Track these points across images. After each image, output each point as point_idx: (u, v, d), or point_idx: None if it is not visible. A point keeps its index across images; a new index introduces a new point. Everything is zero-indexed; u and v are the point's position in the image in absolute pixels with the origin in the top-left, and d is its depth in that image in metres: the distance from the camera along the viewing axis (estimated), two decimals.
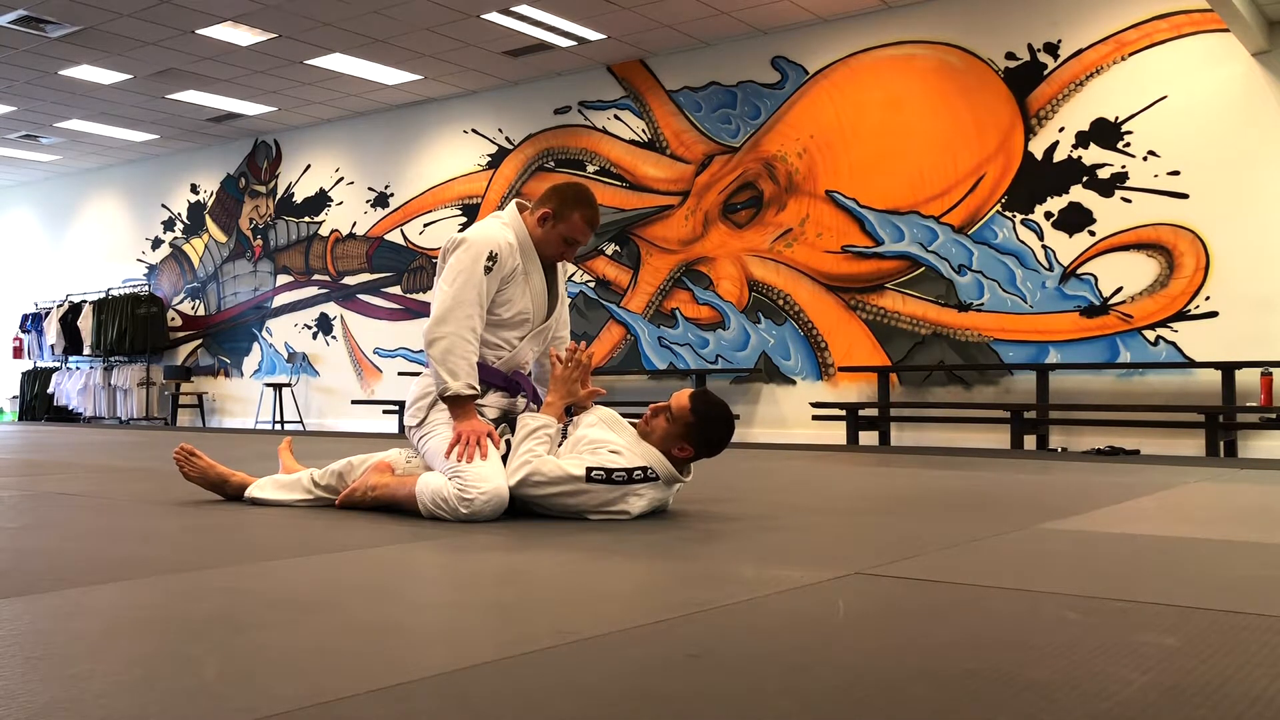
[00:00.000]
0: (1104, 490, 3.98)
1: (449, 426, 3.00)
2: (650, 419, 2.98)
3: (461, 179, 10.72)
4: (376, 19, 8.55)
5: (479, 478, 2.87)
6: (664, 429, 2.94)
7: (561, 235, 3.13)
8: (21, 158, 13.57)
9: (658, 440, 2.94)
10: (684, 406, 2.93)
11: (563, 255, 3.21)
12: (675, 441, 2.93)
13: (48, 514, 3.21)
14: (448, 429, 3.00)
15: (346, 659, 1.44)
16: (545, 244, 3.16)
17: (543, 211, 3.13)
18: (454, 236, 3.11)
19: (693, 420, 2.92)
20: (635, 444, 2.94)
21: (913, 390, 8.15)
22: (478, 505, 2.85)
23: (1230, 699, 1.26)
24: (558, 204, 3.12)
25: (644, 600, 1.95)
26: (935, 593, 1.97)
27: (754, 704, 1.24)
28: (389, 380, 11.11)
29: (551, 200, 3.14)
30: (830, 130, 8.53)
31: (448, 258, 3.08)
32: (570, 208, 3.11)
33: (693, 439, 2.94)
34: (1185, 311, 7.09)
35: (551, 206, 3.12)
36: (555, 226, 3.13)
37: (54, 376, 13.73)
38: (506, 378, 3.18)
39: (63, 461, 5.62)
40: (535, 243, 3.16)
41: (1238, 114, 6.98)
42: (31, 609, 1.79)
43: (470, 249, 3.04)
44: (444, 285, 3.03)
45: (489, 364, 3.13)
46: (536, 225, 3.15)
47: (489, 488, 2.86)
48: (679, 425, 2.93)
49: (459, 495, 2.87)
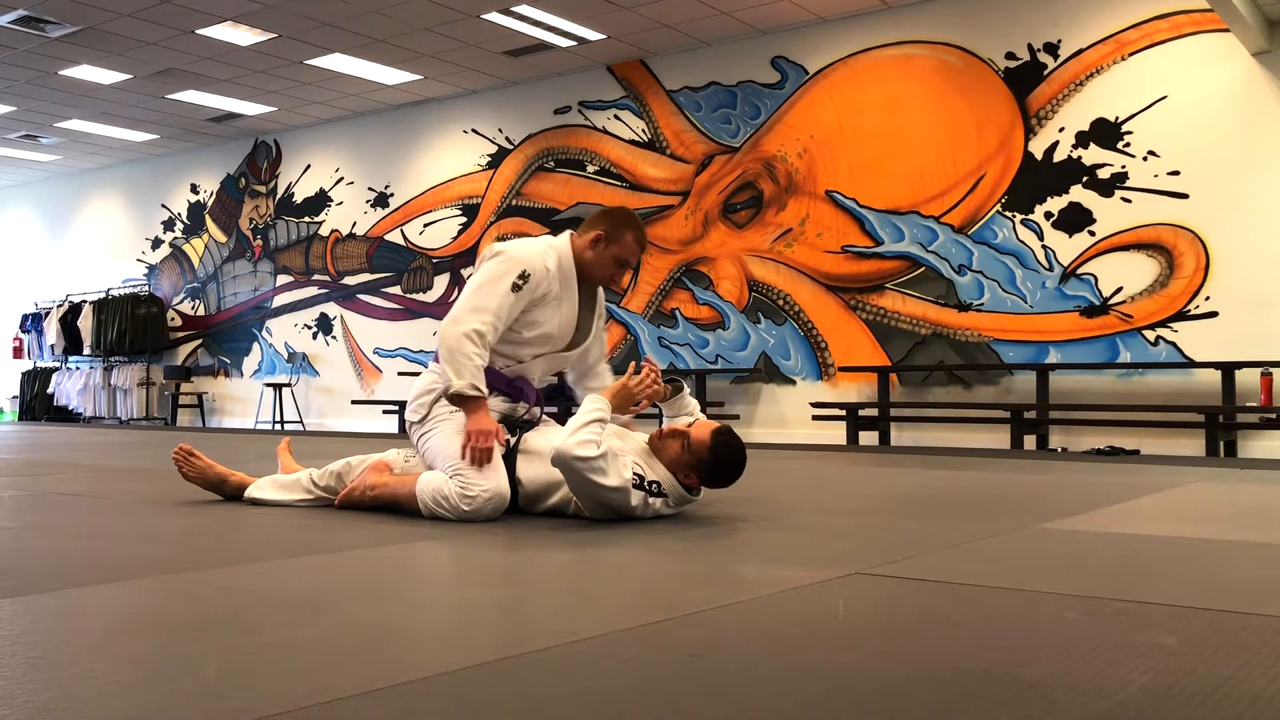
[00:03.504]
0: (1104, 490, 3.98)
1: (450, 424, 3.00)
2: (665, 438, 2.95)
3: (461, 179, 10.72)
4: (376, 19, 8.55)
5: (481, 476, 2.87)
6: (676, 454, 2.92)
7: (614, 256, 3.16)
8: (21, 158, 13.57)
9: (667, 461, 2.93)
10: (704, 443, 2.90)
11: (613, 277, 3.23)
12: (684, 469, 2.92)
13: (48, 514, 3.21)
14: (449, 426, 3.00)
15: (346, 659, 1.44)
16: (597, 266, 3.17)
17: (594, 234, 3.15)
18: (495, 245, 3.14)
19: (708, 459, 2.89)
20: (645, 459, 2.93)
21: (913, 390, 8.15)
22: (479, 503, 2.86)
23: (1230, 699, 1.26)
24: (609, 226, 3.15)
25: (644, 600, 1.95)
26: (935, 593, 1.97)
27: (754, 704, 1.24)
28: (389, 380, 11.11)
29: (603, 223, 3.17)
30: (830, 130, 8.53)
31: (483, 263, 3.10)
32: (622, 229, 3.15)
33: (702, 474, 2.93)
34: (1185, 311, 7.09)
35: (603, 229, 3.15)
36: (608, 248, 3.15)
37: (54, 376, 13.73)
38: (510, 383, 3.17)
39: (63, 461, 5.61)
40: (585, 265, 3.16)
41: (1238, 114, 6.98)
42: (31, 609, 1.79)
43: (505, 262, 3.05)
44: (469, 288, 3.06)
45: (495, 368, 3.13)
46: (587, 248, 3.16)
47: (490, 486, 2.87)
48: (692, 457, 2.90)
49: (460, 493, 2.87)
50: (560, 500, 2.99)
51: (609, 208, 3.29)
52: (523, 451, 3.04)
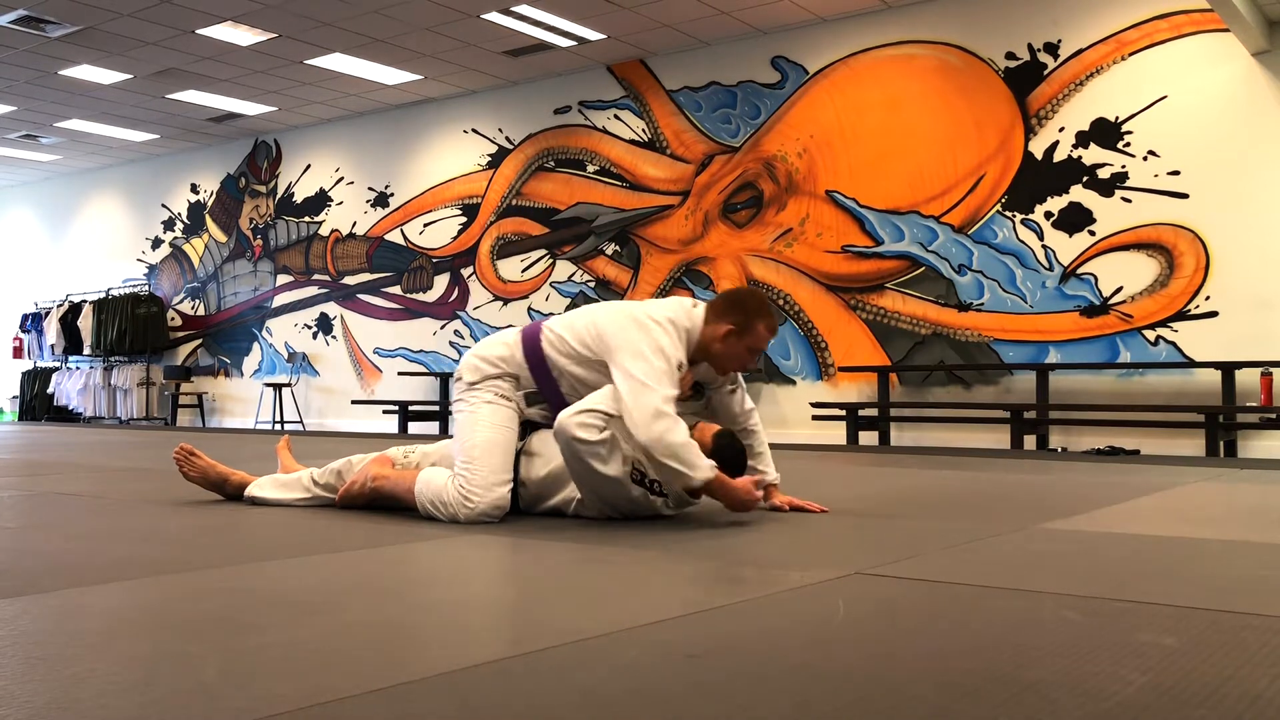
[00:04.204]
0: (1104, 490, 3.98)
1: (487, 410, 2.95)
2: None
3: (461, 179, 10.72)
4: (376, 19, 8.55)
5: (484, 484, 2.85)
6: None
7: (748, 347, 3.01)
8: (21, 158, 13.57)
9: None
10: (705, 445, 2.90)
11: (745, 365, 3.12)
12: None
13: (48, 514, 3.21)
14: (485, 413, 2.94)
15: (346, 659, 1.44)
16: (728, 358, 3.02)
17: (727, 329, 2.96)
18: (633, 310, 2.94)
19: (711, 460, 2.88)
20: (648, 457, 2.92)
21: (913, 390, 8.15)
22: (477, 512, 2.84)
23: (1230, 699, 1.26)
24: (742, 318, 2.98)
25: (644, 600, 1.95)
26: (935, 593, 1.97)
27: (754, 704, 1.24)
28: (389, 380, 11.12)
29: (734, 315, 2.99)
30: (830, 130, 8.53)
31: (627, 331, 2.87)
32: (755, 319, 2.99)
33: None
34: (1185, 311, 7.09)
35: (735, 322, 2.97)
36: (741, 340, 2.99)
37: (54, 376, 13.72)
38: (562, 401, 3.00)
39: (63, 461, 5.61)
40: (714, 355, 3.01)
41: (1238, 114, 6.98)
42: (31, 609, 1.79)
43: (667, 333, 2.87)
44: (634, 368, 2.80)
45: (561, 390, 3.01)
46: (718, 340, 2.98)
47: (492, 497, 2.85)
48: None
49: (460, 498, 2.85)
50: (561, 501, 2.99)
51: (738, 295, 3.08)
52: (527, 453, 3.04)
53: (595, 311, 3.05)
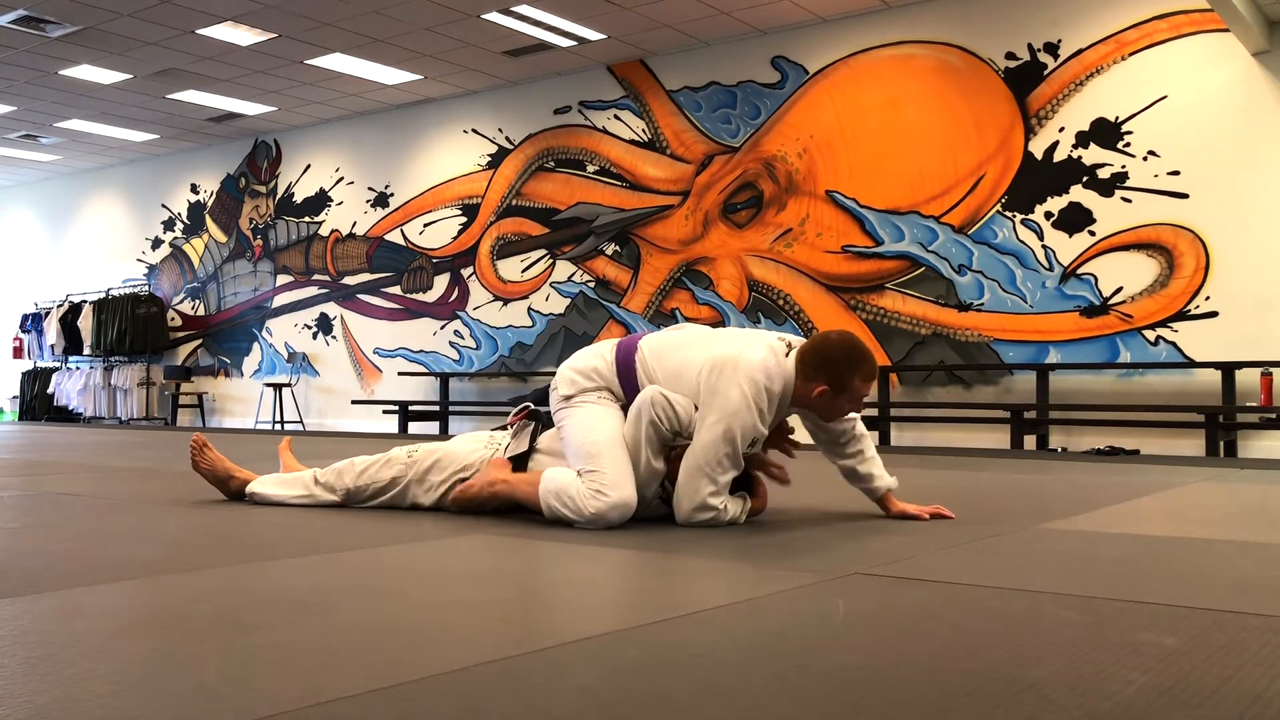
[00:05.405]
0: (1104, 490, 3.98)
1: (594, 410, 2.89)
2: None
3: (461, 179, 10.72)
4: (376, 19, 8.55)
5: (614, 483, 2.76)
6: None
7: (846, 402, 2.86)
8: (21, 158, 13.57)
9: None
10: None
11: (846, 414, 2.96)
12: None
13: (48, 514, 3.20)
14: (592, 412, 2.88)
15: (346, 659, 1.44)
16: (827, 411, 2.89)
17: (820, 389, 2.80)
18: (730, 359, 2.79)
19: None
20: None
21: (913, 390, 8.15)
22: (607, 506, 2.74)
23: (1230, 699, 1.26)
24: (834, 377, 2.79)
25: (645, 600, 1.95)
26: (935, 593, 1.97)
27: (754, 704, 1.24)
28: (389, 380, 11.11)
29: (825, 376, 2.80)
30: (830, 130, 8.53)
31: (724, 394, 2.75)
32: (849, 374, 2.80)
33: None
34: (1185, 311, 7.09)
35: (828, 381, 2.79)
36: (837, 399, 2.83)
37: (54, 376, 13.72)
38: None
39: (63, 461, 5.61)
40: (810, 406, 2.89)
41: (1238, 114, 6.98)
42: (31, 609, 1.79)
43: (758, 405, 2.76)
44: (705, 450, 2.76)
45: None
46: (813, 396, 2.84)
47: (623, 494, 2.76)
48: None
49: (591, 494, 2.75)
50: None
51: (826, 352, 2.84)
52: (539, 451, 3.03)
53: (689, 348, 2.91)
